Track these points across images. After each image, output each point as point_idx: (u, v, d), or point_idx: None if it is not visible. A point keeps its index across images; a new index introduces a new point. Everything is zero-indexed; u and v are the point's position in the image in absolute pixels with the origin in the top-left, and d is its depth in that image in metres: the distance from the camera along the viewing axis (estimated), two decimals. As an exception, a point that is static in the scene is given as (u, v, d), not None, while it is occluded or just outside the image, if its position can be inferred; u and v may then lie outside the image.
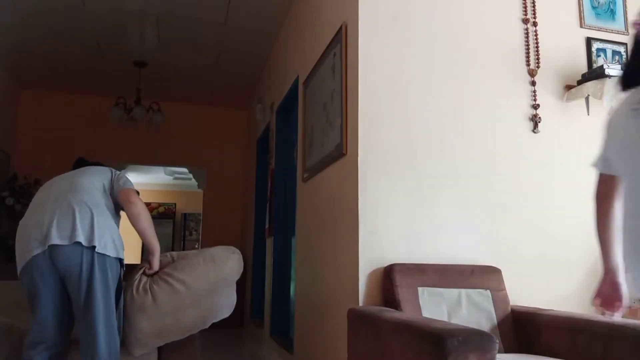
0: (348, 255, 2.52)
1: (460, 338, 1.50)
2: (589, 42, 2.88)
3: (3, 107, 5.86)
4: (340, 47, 2.75)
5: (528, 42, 2.78)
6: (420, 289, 2.26)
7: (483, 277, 2.38)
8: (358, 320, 2.20)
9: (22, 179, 5.65)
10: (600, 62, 2.84)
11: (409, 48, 2.61)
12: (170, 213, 11.49)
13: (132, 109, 5.63)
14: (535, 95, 2.74)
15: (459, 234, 2.52)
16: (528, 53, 2.77)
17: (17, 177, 5.70)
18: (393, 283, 2.24)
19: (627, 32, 2.96)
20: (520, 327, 2.29)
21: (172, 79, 6.10)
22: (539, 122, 2.71)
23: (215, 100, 6.84)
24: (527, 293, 2.51)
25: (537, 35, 2.78)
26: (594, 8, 2.95)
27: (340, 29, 2.77)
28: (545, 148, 2.71)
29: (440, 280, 2.31)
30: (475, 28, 2.72)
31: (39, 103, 6.42)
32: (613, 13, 2.97)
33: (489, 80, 2.70)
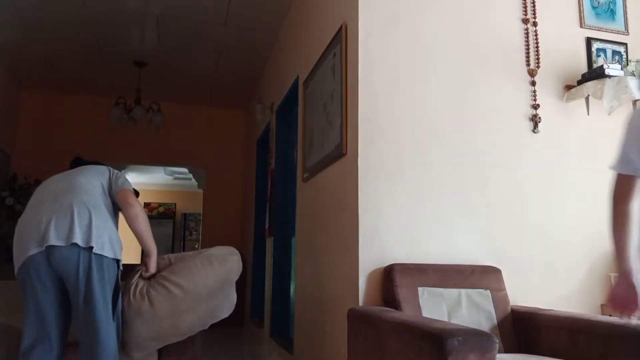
0: (348, 255, 2.52)
1: (460, 338, 1.50)
2: (589, 42, 2.88)
3: (3, 107, 5.86)
4: (340, 47, 2.75)
5: (528, 42, 2.78)
6: (420, 289, 2.26)
7: (483, 277, 2.37)
8: (358, 320, 2.20)
9: (22, 179, 5.65)
10: (600, 62, 2.84)
11: (409, 48, 2.61)
12: (170, 213, 11.50)
13: (132, 109, 5.63)
14: (535, 95, 2.74)
15: (459, 234, 2.52)
16: (528, 53, 2.77)
17: (17, 177, 5.70)
18: (393, 283, 2.24)
19: (627, 32, 2.96)
20: (520, 327, 2.29)
21: (172, 79, 6.10)
22: (539, 122, 2.71)
23: (215, 100, 6.84)
24: (527, 293, 2.51)
25: (537, 35, 2.78)
26: (594, 8, 2.95)
27: (340, 29, 2.77)
28: (545, 148, 2.71)
29: (440, 280, 2.31)
30: (475, 28, 2.72)
31: (39, 103, 6.42)
32: (613, 13, 2.97)
33: (489, 80, 2.70)
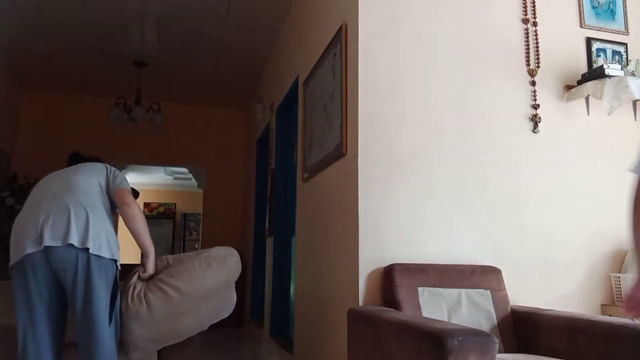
0: (348, 255, 2.52)
1: (460, 338, 1.50)
2: (589, 42, 2.88)
3: (3, 107, 5.86)
4: (340, 47, 2.75)
5: (528, 42, 2.78)
6: (420, 289, 2.26)
7: (483, 277, 2.37)
8: (358, 320, 2.20)
9: (22, 179, 5.64)
10: (600, 62, 2.84)
11: (409, 48, 2.61)
12: (170, 213, 11.49)
13: (132, 109, 5.63)
14: (535, 95, 2.74)
15: (459, 234, 2.52)
16: (528, 53, 2.77)
17: (17, 177, 5.69)
18: (393, 283, 2.24)
19: (627, 32, 2.96)
20: (520, 327, 2.29)
21: (172, 79, 6.10)
22: (539, 122, 2.71)
23: (215, 100, 6.84)
24: (527, 293, 2.51)
25: (537, 35, 2.78)
26: (594, 8, 2.95)
27: (340, 29, 2.77)
28: (545, 148, 2.71)
29: (440, 280, 2.31)
30: (475, 28, 2.72)
31: (39, 103, 6.42)
32: (613, 13, 2.97)
33: (489, 80, 2.70)
